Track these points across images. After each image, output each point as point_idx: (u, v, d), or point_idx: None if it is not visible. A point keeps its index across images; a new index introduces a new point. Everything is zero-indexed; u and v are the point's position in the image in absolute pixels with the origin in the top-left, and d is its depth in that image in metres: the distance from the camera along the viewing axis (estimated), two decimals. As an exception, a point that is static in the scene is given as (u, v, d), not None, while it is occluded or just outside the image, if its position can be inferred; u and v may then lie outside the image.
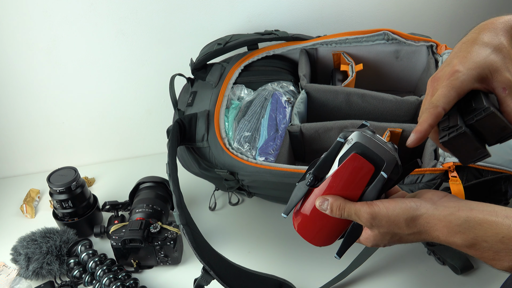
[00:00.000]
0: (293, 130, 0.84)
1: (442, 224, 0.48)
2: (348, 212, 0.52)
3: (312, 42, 0.94)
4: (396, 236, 0.52)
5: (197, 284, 0.68)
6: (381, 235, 0.52)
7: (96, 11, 0.92)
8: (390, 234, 0.52)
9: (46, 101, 1.02)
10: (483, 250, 0.47)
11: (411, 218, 0.49)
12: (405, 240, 0.52)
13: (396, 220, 0.50)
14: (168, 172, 0.74)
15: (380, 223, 0.50)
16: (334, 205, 0.52)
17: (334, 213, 0.52)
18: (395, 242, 0.53)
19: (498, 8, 1.10)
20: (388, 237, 0.52)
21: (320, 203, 0.53)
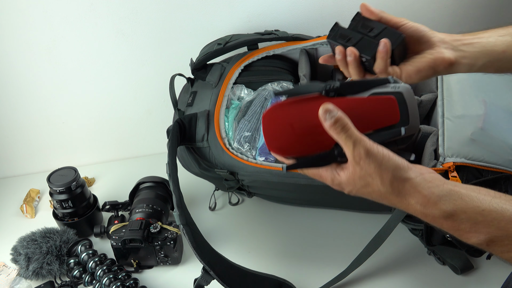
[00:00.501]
0: (293, 130, 0.84)
1: (424, 193, 0.48)
2: (349, 135, 0.48)
3: (312, 42, 0.94)
4: (370, 187, 0.49)
5: (197, 284, 0.68)
6: (357, 177, 0.49)
7: (96, 11, 0.92)
8: (367, 181, 0.49)
9: (46, 101, 1.02)
10: (460, 221, 0.47)
11: (399, 177, 0.48)
12: (375, 194, 0.50)
13: (385, 171, 0.48)
14: (168, 172, 0.74)
15: (370, 164, 0.48)
16: (339, 122, 0.48)
17: (334, 127, 0.48)
18: (362, 192, 0.51)
19: (498, 8, 1.10)
20: (362, 182, 0.49)
21: (326, 110, 0.49)
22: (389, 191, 0.49)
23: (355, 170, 0.49)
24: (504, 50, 0.57)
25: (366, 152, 0.48)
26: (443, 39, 0.57)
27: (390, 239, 0.69)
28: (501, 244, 0.46)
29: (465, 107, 0.78)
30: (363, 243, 0.72)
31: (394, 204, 0.50)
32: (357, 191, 0.51)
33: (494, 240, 0.46)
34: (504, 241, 0.46)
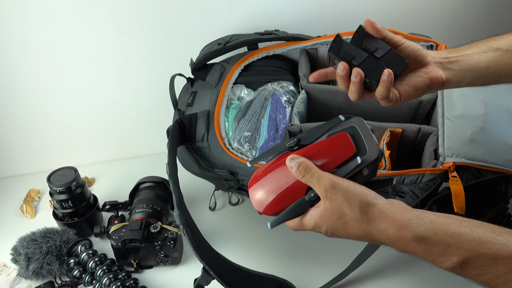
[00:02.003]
0: (293, 130, 0.84)
1: (394, 216, 0.49)
2: (312, 173, 0.52)
3: (312, 42, 0.94)
4: (343, 218, 0.51)
5: (197, 284, 0.68)
6: (329, 212, 0.52)
7: (96, 11, 0.92)
8: (339, 213, 0.51)
9: (46, 101, 1.02)
10: (432, 244, 0.47)
11: (366, 203, 0.50)
12: (349, 227, 0.51)
13: (352, 198, 0.50)
14: (168, 172, 0.74)
15: (336, 194, 0.51)
16: (302, 164, 0.53)
17: (299, 171, 0.53)
18: (337, 227, 0.52)
19: (498, 8, 1.10)
20: (335, 216, 0.51)
21: (290, 159, 0.55)
22: (360, 219, 0.50)
23: (326, 204, 0.52)
24: (488, 66, 0.59)
25: (330, 184, 0.51)
26: (434, 57, 0.59)
27: (390, 239, 0.69)
28: (474, 266, 0.47)
29: (465, 107, 0.78)
30: (363, 243, 0.72)
31: (371, 231, 0.51)
32: (332, 227, 0.53)
33: (467, 262, 0.47)
34: (476, 263, 0.46)
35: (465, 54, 0.60)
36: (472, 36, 0.67)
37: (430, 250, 0.48)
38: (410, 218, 0.49)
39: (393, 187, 0.71)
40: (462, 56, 0.60)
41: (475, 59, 0.60)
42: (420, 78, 0.58)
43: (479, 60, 0.60)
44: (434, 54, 0.60)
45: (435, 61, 0.59)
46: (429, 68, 0.59)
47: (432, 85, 0.58)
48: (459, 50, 0.61)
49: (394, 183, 0.68)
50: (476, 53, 0.60)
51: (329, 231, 0.53)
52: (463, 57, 0.60)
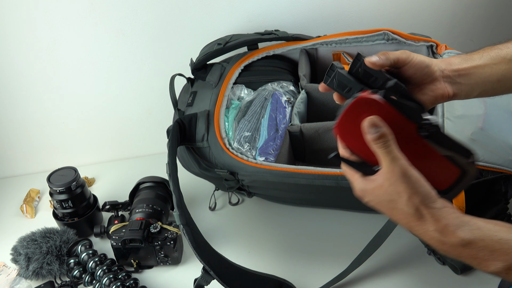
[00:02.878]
0: (293, 130, 0.84)
1: (444, 222, 0.48)
2: (389, 151, 0.48)
3: (312, 42, 0.94)
4: (393, 203, 0.50)
5: (197, 284, 0.68)
6: (383, 191, 0.50)
7: (96, 11, 0.92)
8: (392, 198, 0.49)
9: (46, 101, 1.02)
10: (478, 249, 0.47)
11: (426, 205, 0.49)
12: (395, 213, 0.51)
13: (414, 194, 0.48)
14: (168, 172, 0.74)
15: (401, 184, 0.48)
16: (384, 137, 0.48)
17: (377, 141, 0.48)
18: (383, 206, 0.51)
19: (498, 8, 1.10)
20: (387, 197, 0.50)
21: (372, 124, 0.48)
22: (411, 214, 0.49)
23: (384, 184, 0.50)
24: (499, 79, 0.58)
25: (402, 172, 0.48)
26: (442, 71, 0.57)
27: (390, 239, 0.69)
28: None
29: (465, 107, 0.78)
30: (363, 243, 0.72)
31: (411, 226, 0.51)
32: (376, 203, 0.52)
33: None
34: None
35: (476, 66, 0.58)
36: (472, 36, 0.67)
37: (476, 255, 0.48)
38: (459, 224, 0.48)
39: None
40: (473, 68, 0.58)
41: (487, 72, 0.58)
42: (426, 97, 0.57)
43: (490, 74, 0.58)
44: (444, 66, 0.58)
45: (443, 75, 0.57)
46: (436, 85, 0.57)
47: (437, 101, 0.57)
48: (470, 59, 0.59)
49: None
50: (488, 65, 0.58)
51: (370, 203, 0.52)
52: (474, 70, 0.58)
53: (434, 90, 0.56)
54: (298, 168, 0.74)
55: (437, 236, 0.49)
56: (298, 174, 0.74)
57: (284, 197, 0.88)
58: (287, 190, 0.82)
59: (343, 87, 0.55)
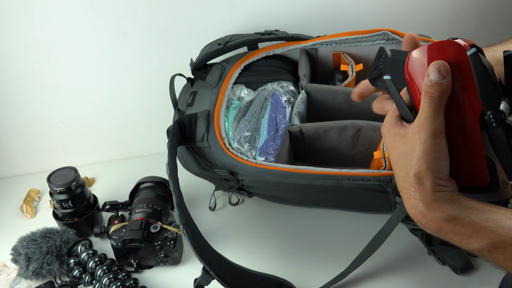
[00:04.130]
0: (293, 130, 0.84)
1: (434, 195, 0.47)
2: (438, 104, 0.44)
3: (312, 42, 0.94)
4: (404, 157, 0.48)
5: (197, 284, 0.68)
6: (404, 143, 0.47)
7: (96, 11, 0.92)
8: (406, 151, 0.47)
9: (46, 101, 1.02)
10: (463, 225, 0.46)
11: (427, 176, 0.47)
12: (398, 166, 0.49)
13: (428, 159, 0.46)
14: (168, 172, 0.74)
15: (422, 143, 0.45)
16: (441, 87, 0.44)
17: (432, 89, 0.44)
18: (393, 154, 0.49)
19: (498, 8, 1.10)
20: (402, 147, 0.48)
21: (439, 67, 0.44)
22: (409, 175, 0.48)
23: (408, 135, 0.47)
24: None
25: (432, 133, 0.45)
26: None
27: (390, 239, 0.69)
28: (503, 251, 0.45)
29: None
30: (363, 243, 0.72)
31: (401, 187, 0.49)
32: (390, 148, 0.50)
33: (497, 246, 0.45)
34: (506, 248, 0.45)
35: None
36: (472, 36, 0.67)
37: (459, 231, 0.46)
38: (448, 200, 0.46)
39: (393, 187, 0.71)
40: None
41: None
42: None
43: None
44: None
45: None
46: None
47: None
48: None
49: (394, 183, 0.67)
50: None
51: (387, 145, 0.51)
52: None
53: None
54: (298, 168, 0.74)
55: (420, 207, 0.47)
56: (298, 174, 0.74)
57: (284, 197, 0.88)
58: (287, 190, 0.81)
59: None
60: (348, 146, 0.84)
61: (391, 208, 0.76)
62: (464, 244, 0.47)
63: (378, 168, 0.76)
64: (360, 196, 0.77)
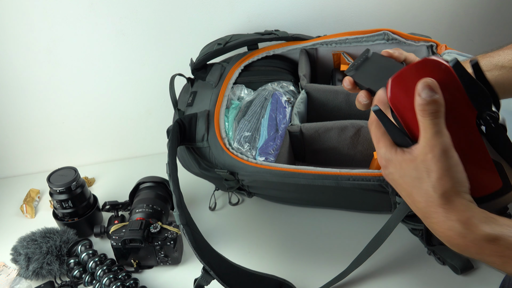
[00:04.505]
0: (293, 130, 0.84)
1: (468, 213, 0.44)
2: (436, 123, 0.43)
3: (312, 42, 0.94)
4: (419, 182, 0.45)
5: (197, 284, 0.68)
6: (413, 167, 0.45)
7: (96, 11, 0.92)
8: (420, 177, 0.45)
9: (46, 101, 1.02)
10: (506, 246, 0.43)
11: (457, 192, 0.44)
12: (417, 193, 0.46)
13: (448, 177, 0.43)
14: (168, 172, 0.74)
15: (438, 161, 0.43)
16: (435, 104, 0.42)
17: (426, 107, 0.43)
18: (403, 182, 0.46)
19: (498, 8, 1.10)
20: (413, 173, 0.45)
21: (427, 86, 0.43)
22: (435, 197, 0.44)
23: (417, 158, 0.45)
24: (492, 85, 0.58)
25: (442, 149, 0.43)
26: None
27: (390, 239, 0.69)
28: None
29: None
30: (363, 243, 0.72)
31: (428, 212, 0.46)
32: (399, 178, 0.47)
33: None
34: None
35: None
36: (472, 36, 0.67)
37: (502, 253, 0.43)
38: (485, 219, 0.44)
39: (393, 187, 0.71)
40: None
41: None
42: None
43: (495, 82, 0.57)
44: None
45: None
46: None
47: None
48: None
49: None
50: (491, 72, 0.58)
51: (390, 176, 0.48)
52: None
53: None
54: (298, 168, 0.74)
55: (458, 228, 0.44)
56: (298, 174, 0.74)
57: (284, 197, 0.88)
58: (287, 190, 0.81)
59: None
60: (348, 146, 0.84)
61: (391, 208, 0.76)
62: (509, 267, 0.44)
63: (378, 168, 0.76)
64: (360, 196, 0.77)
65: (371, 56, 0.54)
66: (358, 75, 0.54)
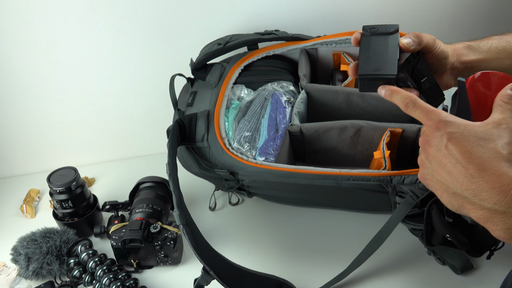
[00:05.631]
0: (293, 130, 0.84)
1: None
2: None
3: (312, 42, 0.94)
4: (486, 141, 0.44)
5: (197, 284, 0.68)
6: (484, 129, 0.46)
7: (96, 11, 0.92)
8: (491, 136, 0.45)
9: (46, 101, 1.02)
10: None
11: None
12: (477, 152, 0.44)
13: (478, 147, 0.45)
14: (168, 172, 0.74)
15: (508, 130, 0.45)
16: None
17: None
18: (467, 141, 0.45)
19: (498, 8, 1.10)
20: (482, 133, 0.45)
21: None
22: (502, 154, 0.44)
23: (487, 125, 0.46)
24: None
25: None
26: (453, 64, 0.59)
27: (390, 239, 0.69)
28: None
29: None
30: (363, 243, 0.72)
31: (486, 166, 0.43)
32: (459, 136, 0.46)
33: None
34: None
35: (482, 59, 0.59)
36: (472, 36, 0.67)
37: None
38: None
39: (393, 187, 0.71)
40: (479, 61, 0.59)
41: (491, 66, 0.59)
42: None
43: (493, 68, 0.58)
44: (455, 58, 0.59)
45: (453, 67, 0.58)
46: (443, 77, 0.58)
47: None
48: (478, 50, 0.60)
49: (394, 183, 0.68)
50: (493, 59, 0.59)
51: (451, 136, 0.46)
52: (479, 63, 0.59)
53: (440, 82, 0.58)
54: (298, 168, 0.74)
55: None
56: (298, 174, 0.74)
57: (284, 197, 0.89)
58: (287, 190, 0.82)
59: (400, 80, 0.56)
60: (348, 146, 0.84)
61: (391, 208, 0.76)
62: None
63: (378, 168, 0.76)
64: (360, 196, 0.77)
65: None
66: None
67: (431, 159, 0.48)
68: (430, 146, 0.48)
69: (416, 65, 0.57)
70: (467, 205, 0.45)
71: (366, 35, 0.59)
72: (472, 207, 0.45)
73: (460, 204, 0.46)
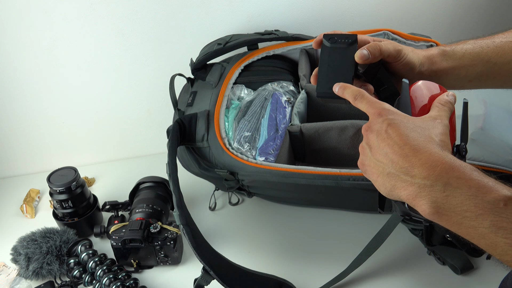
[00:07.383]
0: (293, 130, 0.84)
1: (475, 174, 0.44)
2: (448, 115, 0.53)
3: (312, 42, 0.94)
4: (423, 130, 0.49)
5: (197, 284, 0.68)
6: (421, 120, 0.50)
7: (96, 11, 0.92)
8: (427, 125, 0.50)
9: (46, 101, 1.02)
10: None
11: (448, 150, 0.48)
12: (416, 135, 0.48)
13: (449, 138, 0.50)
14: (168, 172, 0.74)
15: (442, 124, 0.51)
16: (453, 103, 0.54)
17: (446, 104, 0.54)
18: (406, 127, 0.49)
19: (498, 8, 1.10)
20: (420, 122, 0.50)
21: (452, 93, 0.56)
22: (435, 141, 0.48)
23: (424, 118, 0.51)
24: (471, 80, 0.62)
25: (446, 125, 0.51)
26: (423, 72, 0.60)
27: (390, 239, 0.69)
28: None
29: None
30: (363, 243, 0.72)
31: (420, 146, 0.47)
32: (399, 122, 0.50)
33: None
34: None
35: (455, 67, 0.60)
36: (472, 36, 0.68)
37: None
38: (494, 183, 0.43)
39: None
40: (451, 69, 0.60)
41: (462, 73, 0.60)
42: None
43: (465, 75, 0.60)
44: (426, 67, 0.60)
45: (422, 75, 0.59)
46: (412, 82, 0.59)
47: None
48: (452, 56, 0.61)
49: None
50: (465, 66, 0.60)
51: (389, 122, 0.50)
52: (452, 71, 0.60)
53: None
54: (298, 168, 0.74)
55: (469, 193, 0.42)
56: (298, 174, 0.74)
57: (284, 197, 0.89)
58: (287, 190, 0.82)
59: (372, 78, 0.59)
60: (348, 146, 0.84)
61: (391, 208, 0.76)
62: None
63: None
64: (360, 196, 0.77)
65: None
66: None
67: (371, 144, 0.51)
68: (372, 132, 0.51)
69: (376, 73, 0.58)
70: (398, 184, 0.47)
71: (326, 45, 0.59)
72: (403, 185, 0.47)
73: (392, 185, 0.48)
